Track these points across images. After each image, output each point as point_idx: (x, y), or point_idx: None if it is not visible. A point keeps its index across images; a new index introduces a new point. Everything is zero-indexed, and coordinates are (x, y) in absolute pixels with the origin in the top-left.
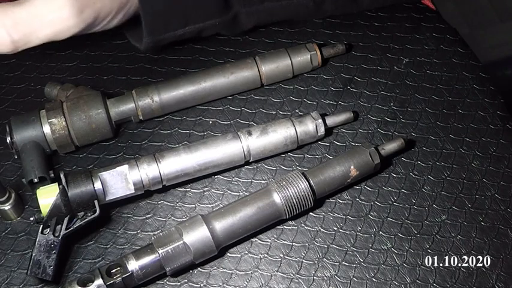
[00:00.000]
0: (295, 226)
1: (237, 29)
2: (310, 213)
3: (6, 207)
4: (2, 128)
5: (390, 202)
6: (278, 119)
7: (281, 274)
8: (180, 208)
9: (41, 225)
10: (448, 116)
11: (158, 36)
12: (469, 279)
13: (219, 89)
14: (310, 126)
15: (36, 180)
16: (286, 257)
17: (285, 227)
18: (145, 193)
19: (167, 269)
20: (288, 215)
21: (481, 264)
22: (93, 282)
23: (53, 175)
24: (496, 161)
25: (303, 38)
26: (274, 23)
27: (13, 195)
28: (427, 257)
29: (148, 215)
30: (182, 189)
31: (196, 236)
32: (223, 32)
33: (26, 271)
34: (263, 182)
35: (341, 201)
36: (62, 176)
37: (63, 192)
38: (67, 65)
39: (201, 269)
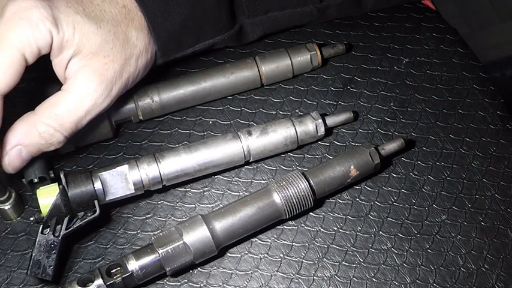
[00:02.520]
0: (295, 226)
1: (244, 41)
2: (310, 213)
3: (6, 206)
4: None
5: (390, 202)
6: (278, 119)
7: (281, 274)
8: (180, 208)
9: (41, 225)
10: (448, 116)
11: (171, 57)
12: (469, 279)
13: (219, 89)
14: (310, 126)
15: (36, 180)
16: (286, 257)
17: (285, 227)
18: (145, 193)
19: (167, 269)
20: (288, 215)
21: (481, 264)
22: (93, 282)
23: (53, 175)
24: (496, 161)
25: (303, 38)
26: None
27: (13, 194)
28: (427, 257)
29: (148, 215)
30: (182, 189)
31: (196, 236)
32: (232, 44)
33: (26, 271)
34: (263, 182)
35: (341, 201)
36: (62, 176)
37: (63, 192)
38: None
39: (201, 269)
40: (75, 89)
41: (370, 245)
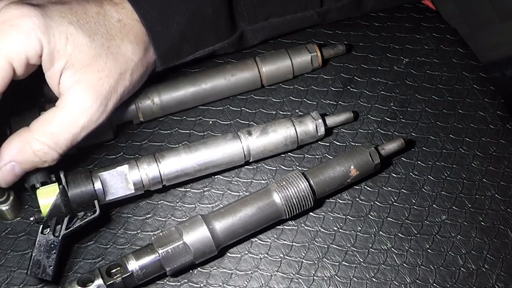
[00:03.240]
0: (295, 226)
1: (244, 46)
2: (310, 213)
3: (4, 207)
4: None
5: (390, 202)
6: (278, 119)
7: (281, 274)
8: (180, 208)
9: (41, 225)
10: (448, 116)
11: (170, 65)
12: (469, 279)
13: (219, 91)
14: (310, 126)
15: (38, 185)
16: (286, 257)
17: (285, 227)
18: (145, 193)
19: (167, 269)
20: (288, 215)
21: (481, 264)
22: (93, 282)
23: (54, 178)
24: (496, 161)
25: (303, 38)
26: None
27: (12, 196)
28: (427, 257)
29: (148, 215)
30: (182, 189)
31: (196, 236)
32: (232, 50)
33: (26, 271)
34: (263, 182)
35: (341, 201)
36: (62, 176)
37: (63, 192)
38: None
39: (201, 269)
40: (69, 105)
41: (370, 245)
